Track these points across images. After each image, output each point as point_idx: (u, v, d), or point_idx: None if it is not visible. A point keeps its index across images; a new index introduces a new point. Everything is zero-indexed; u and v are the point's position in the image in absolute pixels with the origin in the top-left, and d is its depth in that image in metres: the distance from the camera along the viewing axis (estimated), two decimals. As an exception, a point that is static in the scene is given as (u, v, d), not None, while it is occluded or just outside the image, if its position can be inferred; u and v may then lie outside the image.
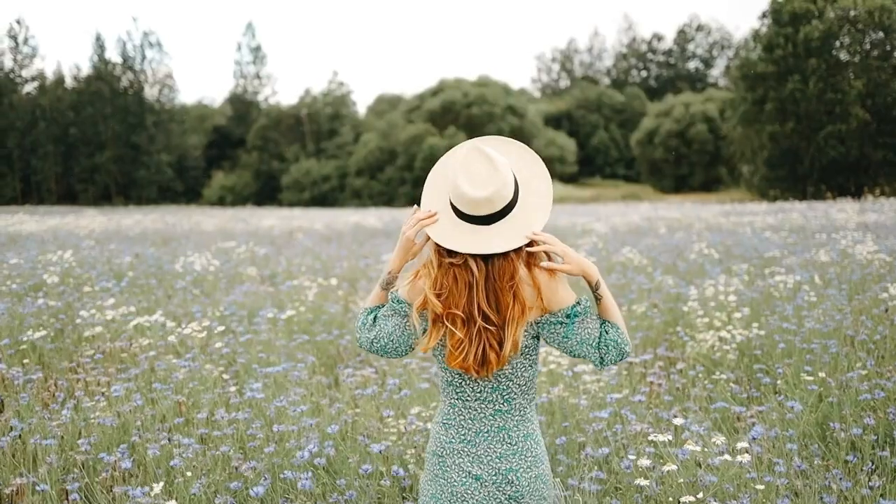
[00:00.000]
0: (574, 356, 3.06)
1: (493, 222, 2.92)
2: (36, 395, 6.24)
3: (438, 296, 2.95)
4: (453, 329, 2.93)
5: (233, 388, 5.78)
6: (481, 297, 2.92)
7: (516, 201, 2.98)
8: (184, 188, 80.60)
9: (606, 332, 3.01)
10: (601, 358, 3.01)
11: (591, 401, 5.82)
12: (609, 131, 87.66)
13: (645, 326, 8.82)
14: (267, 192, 76.09)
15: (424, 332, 3.05)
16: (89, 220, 27.30)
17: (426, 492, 3.13)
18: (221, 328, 6.26)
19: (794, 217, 23.54)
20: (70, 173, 77.42)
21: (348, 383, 6.23)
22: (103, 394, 6.00)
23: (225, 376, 6.30)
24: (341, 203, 67.60)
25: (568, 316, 2.98)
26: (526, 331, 2.99)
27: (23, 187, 75.98)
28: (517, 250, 2.94)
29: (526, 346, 3.01)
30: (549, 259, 3.00)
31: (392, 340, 3.12)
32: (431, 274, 2.97)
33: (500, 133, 70.92)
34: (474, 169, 2.89)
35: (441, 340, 3.01)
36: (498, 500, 3.00)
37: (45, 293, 10.09)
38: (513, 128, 72.93)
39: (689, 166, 75.20)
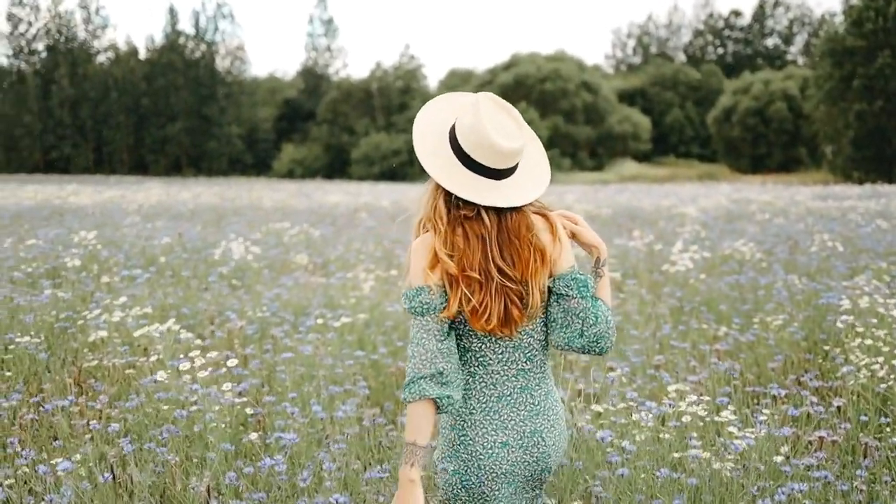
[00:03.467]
0: (557, 329, 2.88)
1: (510, 175, 2.82)
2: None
3: (451, 256, 2.77)
4: (469, 294, 2.74)
5: (254, 436, 4.23)
6: (495, 253, 2.78)
7: None
8: (253, 160, 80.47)
9: (598, 308, 2.86)
10: (581, 331, 2.84)
11: (741, 461, 4.27)
12: (684, 109, 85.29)
13: (781, 343, 7.05)
14: (337, 166, 75.35)
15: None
16: (144, 194, 26.04)
17: (447, 468, 2.89)
18: (234, 361, 4.66)
19: (897, 203, 21.46)
20: (142, 144, 77.79)
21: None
22: (87, 433, 4.56)
23: (248, 411, 4.81)
24: (411, 178, 66.48)
25: (582, 287, 2.84)
26: None
27: (96, 157, 76.56)
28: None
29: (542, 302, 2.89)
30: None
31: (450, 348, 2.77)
32: (440, 228, 2.78)
33: (573, 109, 69.83)
34: (501, 121, 2.78)
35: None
36: (526, 463, 2.87)
37: (59, 282, 8.64)
38: (586, 104, 71.72)
39: (767, 146, 72.50)
